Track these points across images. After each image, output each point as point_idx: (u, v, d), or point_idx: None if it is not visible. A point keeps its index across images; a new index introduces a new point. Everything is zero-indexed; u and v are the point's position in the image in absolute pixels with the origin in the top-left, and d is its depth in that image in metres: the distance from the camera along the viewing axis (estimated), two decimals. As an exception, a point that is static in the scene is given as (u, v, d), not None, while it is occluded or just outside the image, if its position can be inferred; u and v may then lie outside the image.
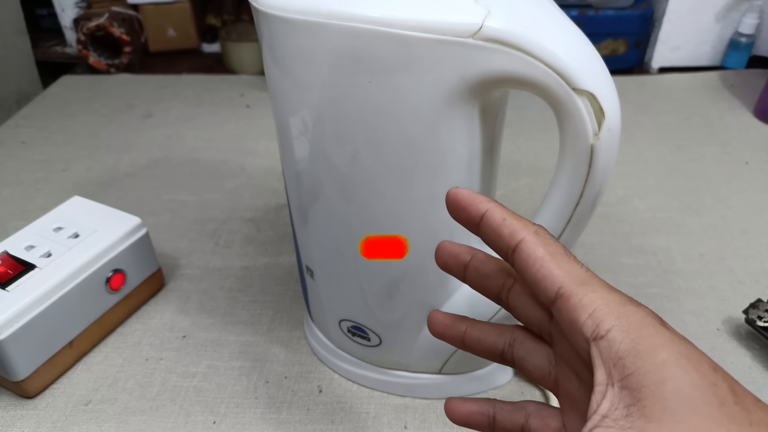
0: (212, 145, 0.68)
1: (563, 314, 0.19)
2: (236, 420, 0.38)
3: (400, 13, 0.24)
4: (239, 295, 0.47)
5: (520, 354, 0.23)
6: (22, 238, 0.42)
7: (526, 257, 0.20)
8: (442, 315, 0.25)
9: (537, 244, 0.20)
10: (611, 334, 0.17)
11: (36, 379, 0.39)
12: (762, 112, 0.70)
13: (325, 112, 0.28)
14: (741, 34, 0.78)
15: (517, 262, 0.20)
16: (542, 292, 0.19)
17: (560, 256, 0.20)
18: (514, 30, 0.23)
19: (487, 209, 0.21)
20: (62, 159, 0.66)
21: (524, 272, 0.20)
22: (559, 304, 0.19)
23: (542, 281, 0.19)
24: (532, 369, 0.23)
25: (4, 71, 0.88)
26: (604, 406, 0.17)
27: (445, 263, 0.24)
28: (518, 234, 0.20)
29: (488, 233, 0.21)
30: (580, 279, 0.19)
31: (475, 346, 0.24)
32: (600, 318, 0.18)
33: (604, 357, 0.17)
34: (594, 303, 0.18)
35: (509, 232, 0.20)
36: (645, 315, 0.18)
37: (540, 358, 0.23)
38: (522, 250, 0.20)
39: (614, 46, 0.81)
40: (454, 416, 0.25)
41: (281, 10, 0.26)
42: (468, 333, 0.24)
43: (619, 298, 0.18)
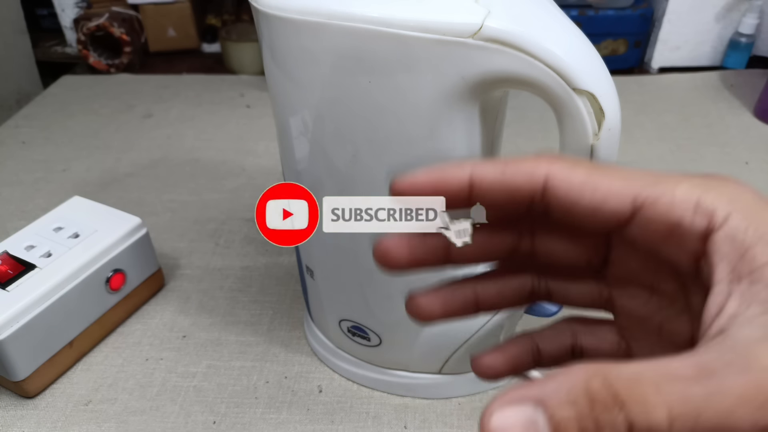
0: (212, 145, 0.68)
1: (654, 224, 0.15)
2: (236, 420, 0.38)
3: (400, 13, 0.24)
4: (239, 295, 0.47)
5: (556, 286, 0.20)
6: (22, 238, 0.42)
7: (567, 190, 0.15)
8: (430, 293, 0.20)
9: (570, 169, 0.16)
10: (732, 222, 0.14)
11: (36, 379, 0.39)
12: (762, 112, 0.70)
13: (325, 112, 0.28)
14: (741, 34, 0.78)
15: (557, 202, 0.16)
16: (610, 215, 0.15)
17: (603, 168, 0.16)
18: (514, 30, 0.23)
19: (471, 170, 0.16)
20: (62, 159, 0.66)
21: (573, 208, 0.16)
22: (643, 216, 0.15)
23: (606, 204, 0.15)
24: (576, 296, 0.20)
25: (5, 71, 0.88)
26: (731, 306, 0.13)
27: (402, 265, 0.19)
28: (537, 172, 0.16)
29: (490, 196, 0.17)
30: (650, 179, 0.15)
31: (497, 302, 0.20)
32: (710, 206, 0.14)
33: (725, 250, 0.14)
34: (692, 192, 0.15)
35: (523, 177, 0.16)
36: (754, 191, 0.15)
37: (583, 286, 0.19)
38: (556, 186, 0.16)
39: (614, 46, 0.81)
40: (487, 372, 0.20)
41: (281, 10, 0.26)
42: (481, 292, 0.20)
43: (713, 180, 0.15)
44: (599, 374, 0.12)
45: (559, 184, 0.16)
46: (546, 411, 0.12)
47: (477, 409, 0.38)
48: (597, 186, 0.15)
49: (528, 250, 0.19)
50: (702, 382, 0.12)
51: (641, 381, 0.12)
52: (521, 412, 0.12)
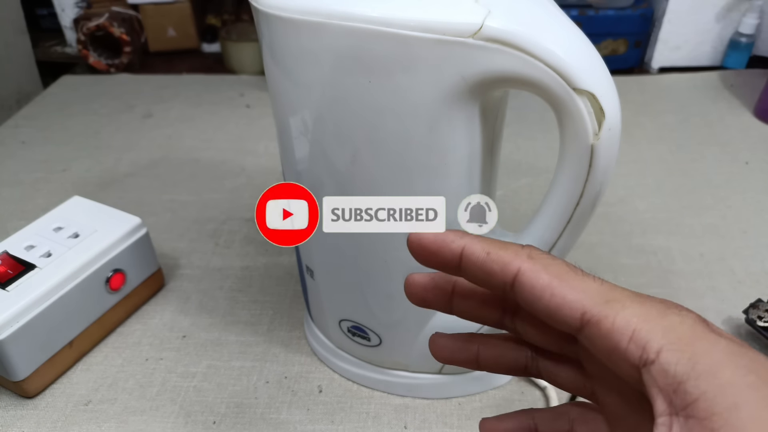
0: (212, 145, 0.68)
1: (597, 342, 0.16)
2: (236, 420, 0.38)
3: (400, 12, 0.24)
4: (239, 295, 0.47)
5: (546, 367, 0.21)
6: (22, 238, 0.42)
7: (531, 289, 0.17)
8: (445, 338, 0.22)
9: (537, 271, 0.17)
10: (663, 357, 0.15)
11: (36, 379, 0.39)
12: (762, 112, 0.70)
13: (325, 112, 0.28)
14: (741, 34, 0.78)
15: (522, 297, 0.17)
16: (562, 322, 0.17)
17: (568, 275, 0.17)
18: (514, 30, 0.23)
19: (464, 246, 0.18)
20: (62, 159, 0.66)
21: (533, 305, 0.17)
22: (588, 332, 0.16)
23: (559, 312, 0.16)
24: (564, 381, 0.20)
25: (5, 71, 0.88)
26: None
27: (422, 299, 0.21)
28: (511, 265, 0.17)
29: (473, 273, 0.18)
30: (601, 296, 0.16)
31: (493, 365, 0.22)
32: (644, 339, 0.15)
33: (660, 384, 0.15)
34: (630, 322, 0.15)
35: (499, 266, 0.17)
36: (692, 323, 0.15)
37: (568, 372, 0.20)
38: (522, 282, 0.17)
39: (614, 46, 0.81)
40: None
41: (281, 10, 0.26)
42: (482, 354, 0.21)
43: (655, 308, 0.16)
44: None
45: (525, 282, 0.17)
46: None
47: (477, 409, 0.38)
48: (554, 293, 0.16)
49: (510, 328, 0.21)
50: None
51: None
52: None
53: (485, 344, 0.21)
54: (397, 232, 0.30)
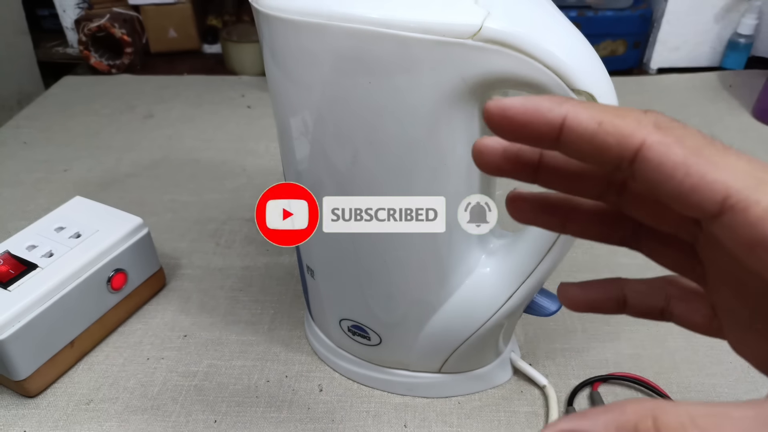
0: (213, 146, 0.68)
1: (738, 231, 0.13)
2: (237, 419, 0.38)
3: (400, 14, 0.24)
4: (240, 295, 0.47)
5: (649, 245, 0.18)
6: (23, 238, 0.42)
7: (659, 167, 0.14)
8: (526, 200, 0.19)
9: (668, 144, 0.14)
10: None
11: (37, 378, 0.39)
12: (761, 113, 0.70)
13: (326, 113, 0.28)
14: (740, 35, 0.79)
15: (644, 176, 0.14)
16: (695, 207, 0.14)
17: (707, 148, 0.14)
18: (513, 31, 0.23)
19: (566, 114, 0.14)
20: (63, 159, 0.66)
21: (659, 187, 0.14)
22: (728, 219, 0.13)
23: (692, 194, 0.13)
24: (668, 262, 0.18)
25: (6, 71, 0.88)
26: None
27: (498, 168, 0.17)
28: (633, 137, 0.14)
29: (578, 148, 0.15)
30: (751, 177, 0.13)
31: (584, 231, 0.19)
32: None
33: None
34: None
35: (616, 139, 0.14)
36: None
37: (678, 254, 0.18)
38: (648, 159, 0.14)
39: (613, 47, 0.81)
40: (574, 304, 0.19)
41: (282, 11, 0.26)
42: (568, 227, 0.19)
43: None
44: (650, 415, 0.12)
45: (652, 158, 0.14)
46: None
47: (476, 407, 0.38)
48: (690, 171, 0.13)
49: (614, 201, 0.17)
50: None
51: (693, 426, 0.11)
52: None
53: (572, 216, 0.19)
54: (396, 232, 0.30)
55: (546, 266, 0.31)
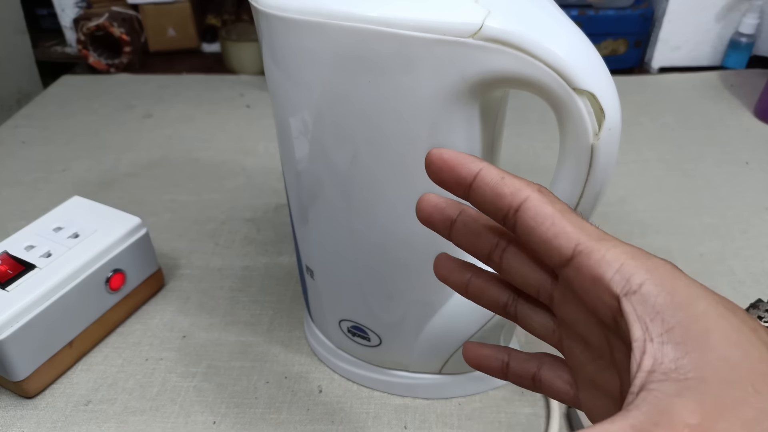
0: (212, 145, 0.68)
1: (583, 272, 0.18)
2: (236, 420, 0.38)
3: (400, 12, 0.24)
4: (239, 295, 0.47)
5: (523, 310, 0.23)
6: (22, 238, 0.42)
7: (534, 216, 0.18)
8: (447, 259, 0.24)
9: (544, 202, 0.18)
10: (645, 288, 0.16)
11: (36, 379, 0.39)
12: (762, 112, 0.70)
13: (325, 112, 0.28)
14: (741, 34, 0.78)
15: (522, 223, 0.19)
16: (554, 252, 0.18)
17: (569, 213, 0.18)
18: (514, 30, 0.23)
19: (481, 168, 0.19)
20: (62, 159, 0.66)
21: (531, 233, 0.19)
22: (577, 262, 0.18)
23: (554, 240, 0.18)
24: (536, 326, 0.22)
25: (5, 71, 0.88)
26: (646, 363, 0.16)
27: (429, 216, 0.23)
28: (521, 192, 0.19)
29: (483, 194, 0.19)
30: (596, 235, 0.18)
31: (479, 296, 0.24)
32: (629, 272, 0.17)
33: (638, 313, 0.16)
34: (619, 257, 0.17)
35: (510, 190, 0.19)
36: (672, 267, 0.17)
37: (541, 317, 0.22)
38: (528, 208, 0.18)
39: (614, 46, 0.81)
40: (470, 358, 0.24)
41: (281, 10, 0.26)
42: (472, 282, 0.24)
43: (641, 252, 0.17)
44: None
45: (531, 208, 0.18)
46: None
47: (477, 409, 0.38)
48: (555, 223, 0.18)
49: (497, 261, 0.22)
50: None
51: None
52: None
53: (478, 275, 0.24)
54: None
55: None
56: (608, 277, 0.17)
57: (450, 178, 0.20)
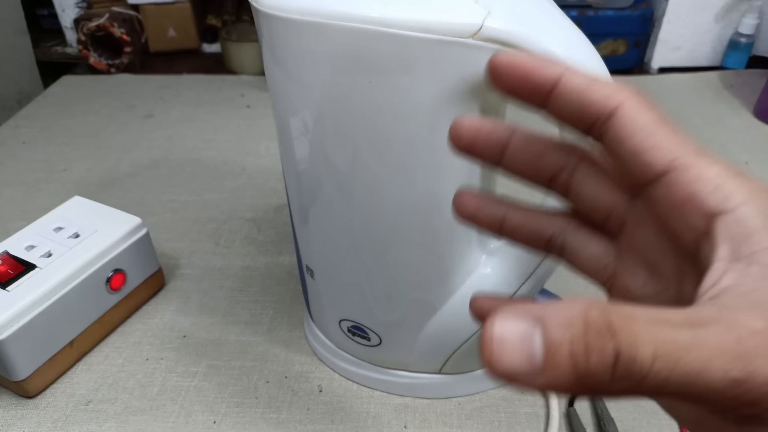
0: (213, 146, 0.68)
1: (676, 189, 0.16)
2: (236, 420, 0.38)
3: (400, 13, 0.24)
4: (240, 295, 0.47)
5: (573, 242, 0.20)
6: (22, 238, 0.42)
7: (629, 124, 0.16)
8: (471, 195, 0.21)
9: (642, 109, 0.16)
10: (744, 208, 0.15)
11: (36, 378, 0.39)
12: (762, 112, 0.70)
13: (326, 113, 0.28)
14: (740, 35, 0.79)
15: (613, 132, 0.17)
16: (646, 166, 0.16)
17: (668, 123, 0.17)
18: (514, 30, 0.23)
19: (563, 72, 0.17)
20: (63, 159, 0.66)
21: (622, 143, 0.17)
22: (671, 177, 0.16)
23: (650, 152, 0.16)
24: (586, 259, 0.20)
25: (5, 71, 0.88)
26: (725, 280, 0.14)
27: (472, 142, 0.20)
28: (615, 97, 0.17)
29: (567, 102, 0.17)
30: (695, 150, 0.16)
31: (517, 231, 0.21)
32: (730, 191, 0.15)
33: (731, 232, 0.15)
34: (720, 175, 0.16)
35: (602, 96, 0.17)
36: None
37: (596, 248, 0.20)
38: (622, 116, 0.16)
39: (614, 47, 0.81)
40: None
41: (281, 11, 0.26)
42: (509, 216, 0.21)
43: (744, 175, 0.16)
44: (599, 306, 0.13)
45: (626, 115, 0.16)
46: (543, 329, 0.13)
47: (477, 408, 0.38)
48: (651, 133, 0.16)
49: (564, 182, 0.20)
50: (689, 330, 0.13)
51: (635, 318, 0.13)
52: (521, 325, 0.13)
53: (514, 208, 0.21)
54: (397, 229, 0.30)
55: (546, 267, 0.31)
56: (705, 194, 0.15)
57: (524, 85, 0.18)
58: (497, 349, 0.13)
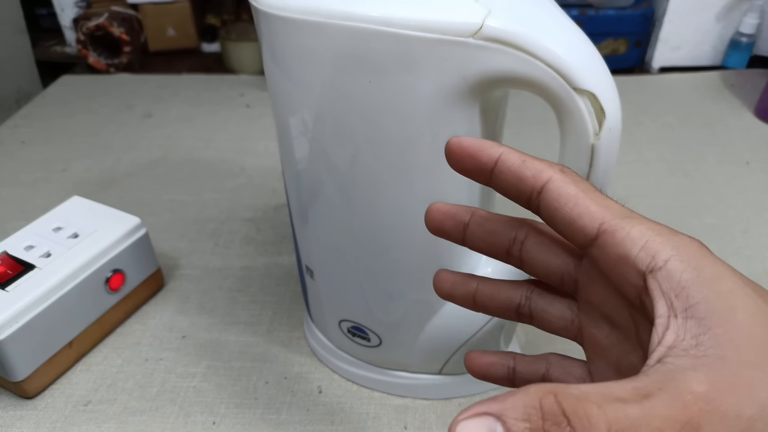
0: (212, 145, 0.68)
1: (608, 250, 0.17)
2: (236, 420, 0.38)
3: (401, 12, 0.24)
4: (239, 296, 0.47)
5: (538, 305, 0.22)
6: (21, 238, 0.42)
7: (557, 196, 0.18)
8: (448, 273, 0.24)
9: (567, 182, 0.18)
10: (671, 264, 0.16)
11: (35, 379, 0.39)
12: (763, 112, 0.70)
13: (325, 112, 0.28)
14: (742, 34, 0.78)
15: (545, 204, 0.18)
16: (578, 232, 0.18)
17: (593, 192, 0.18)
18: (514, 29, 0.23)
19: (501, 153, 0.19)
20: (62, 159, 0.66)
21: (555, 214, 0.18)
22: (602, 240, 0.17)
23: (579, 219, 0.18)
24: (553, 319, 0.22)
25: (4, 71, 0.88)
26: (668, 338, 0.15)
27: (440, 225, 0.22)
28: (543, 173, 0.18)
29: (505, 179, 0.19)
30: (621, 213, 0.18)
31: (488, 303, 0.23)
32: (655, 249, 0.16)
33: (663, 288, 0.16)
34: (644, 234, 0.17)
35: (532, 173, 0.19)
36: (699, 245, 0.17)
37: (561, 308, 0.22)
38: (551, 189, 0.18)
39: (615, 46, 0.81)
40: (473, 368, 0.24)
41: (281, 10, 0.26)
42: (480, 290, 0.23)
43: (668, 229, 0.17)
44: (551, 393, 0.14)
45: (554, 189, 0.18)
46: (504, 424, 0.13)
47: (477, 409, 0.38)
48: (578, 203, 0.18)
49: (517, 254, 0.22)
50: (638, 404, 0.14)
51: (586, 400, 0.14)
52: (483, 423, 0.13)
53: (484, 282, 0.23)
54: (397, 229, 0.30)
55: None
56: (633, 255, 0.17)
57: (471, 166, 0.20)
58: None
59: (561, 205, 0.18)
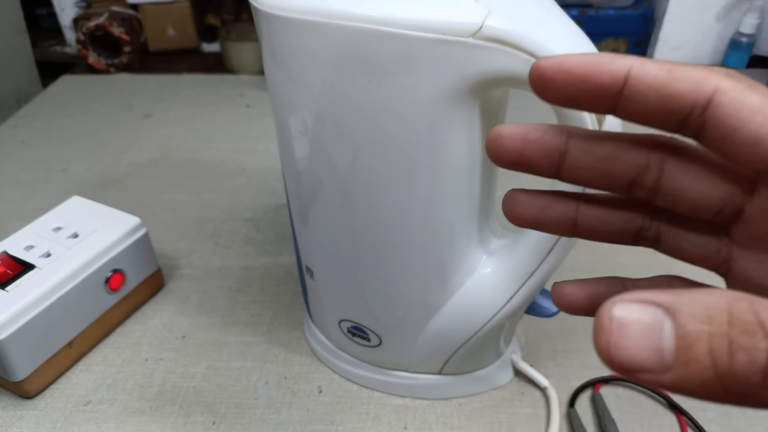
0: (212, 145, 0.68)
1: None
2: (236, 420, 0.37)
3: (401, 12, 0.24)
4: (239, 296, 0.47)
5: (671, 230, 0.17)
6: (21, 238, 0.42)
7: (734, 111, 0.13)
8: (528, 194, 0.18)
9: (743, 89, 0.13)
10: None
11: (35, 379, 0.39)
12: (762, 112, 0.70)
13: (325, 112, 0.28)
14: (742, 34, 0.78)
15: (715, 123, 0.14)
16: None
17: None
18: (514, 29, 0.23)
19: (631, 66, 0.14)
20: (62, 159, 0.66)
21: (732, 134, 0.13)
22: None
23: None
24: (691, 248, 0.17)
25: (4, 71, 0.88)
26: None
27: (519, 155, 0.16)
28: (706, 83, 0.13)
29: (643, 100, 0.14)
30: None
31: (595, 229, 0.18)
32: None
33: None
34: None
35: (689, 85, 0.13)
36: None
37: (704, 236, 0.17)
38: (722, 103, 0.13)
39: (615, 46, 0.81)
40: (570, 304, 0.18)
41: (281, 10, 0.26)
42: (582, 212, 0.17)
43: None
44: (746, 300, 0.11)
45: (728, 102, 0.13)
46: (676, 320, 0.11)
47: (477, 409, 0.38)
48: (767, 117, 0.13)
49: (651, 185, 0.16)
50: None
51: None
52: (647, 312, 0.11)
53: (585, 203, 0.17)
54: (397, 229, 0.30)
55: (547, 267, 0.31)
56: None
57: (584, 90, 0.15)
58: (617, 335, 0.11)
59: (743, 123, 0.13)
